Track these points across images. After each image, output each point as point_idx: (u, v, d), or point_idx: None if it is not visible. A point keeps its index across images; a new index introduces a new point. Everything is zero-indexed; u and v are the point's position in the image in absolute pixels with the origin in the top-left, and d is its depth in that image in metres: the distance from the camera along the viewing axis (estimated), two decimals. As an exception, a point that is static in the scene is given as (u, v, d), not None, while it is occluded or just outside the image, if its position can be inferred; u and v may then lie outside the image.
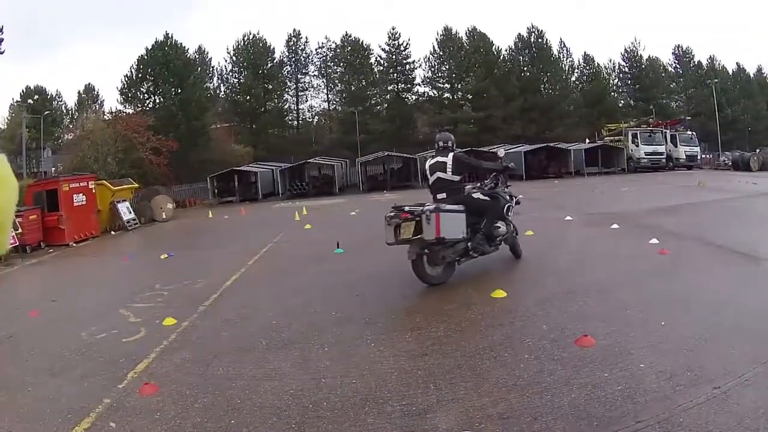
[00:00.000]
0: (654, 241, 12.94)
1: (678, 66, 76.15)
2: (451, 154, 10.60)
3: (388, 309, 9.26)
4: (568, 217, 18.13)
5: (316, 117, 74.14)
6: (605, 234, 14.94)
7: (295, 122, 72.22)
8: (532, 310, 8.26)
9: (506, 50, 67.96)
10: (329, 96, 72.07)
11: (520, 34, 68.02)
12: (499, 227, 11.10)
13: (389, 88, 68.90)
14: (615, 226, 15.64)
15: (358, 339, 7.79)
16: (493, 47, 66.64)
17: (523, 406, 5.21)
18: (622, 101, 73.09)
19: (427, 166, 10.98)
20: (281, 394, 6.20)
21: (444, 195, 10.49)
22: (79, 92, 69.89)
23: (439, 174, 10.58)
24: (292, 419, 5.57)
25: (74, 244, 24.37)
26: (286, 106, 70.94)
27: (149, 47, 57.81)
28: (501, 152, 12.69)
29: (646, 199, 23.86)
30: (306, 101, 72.60)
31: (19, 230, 21.56)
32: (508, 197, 11.62)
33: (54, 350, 8.86)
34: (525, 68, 67.28)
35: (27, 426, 6.14)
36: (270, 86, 68.54)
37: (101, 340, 9.11)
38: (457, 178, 10.54)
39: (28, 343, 9.54)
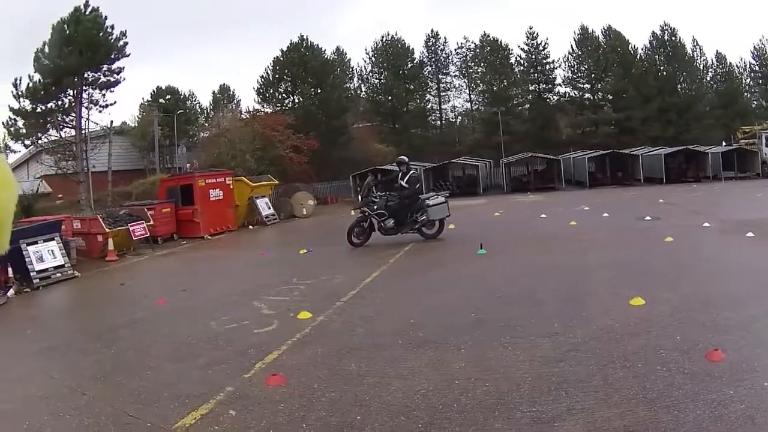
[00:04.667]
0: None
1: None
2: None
3: (527, 312, 9.05)
4: (706, 224, 17.84)
5: (459, 117, 73.95)
6: (741, 243, 14.44)
7: (438, 122, 72.16)
8: (667, 320, 8.10)
9: (642, 49, 65.76)
10: (471, 96, 71.38)
11: (653, 32, 65.66)
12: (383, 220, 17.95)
13: (530, 88, 67.64)
14: (750, 234, 14.95)
15: (495, 342, 7.66)
16: (629, 46, 64.58)
17: (649, 420, 5.12)
18: (755, 102, 68.85)
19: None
20: (411, 393, 6.14)
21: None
22: (213, 92, 73.15)
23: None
24: (419, 419, 5.50)
25: (209, 237, 25.34)
26: (428, 106, 70.63)
27: (284, 49, 59.51)
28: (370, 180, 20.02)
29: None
30: (448, 101, 72.02)
31: (150, 222, 22.51)
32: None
33: (179, 337, 9.13)
34: (661, 67, 64.66)
35: (140, 408, 6.27)
36: (411, 86, 68.29)
37: (230, 330, 9.31)
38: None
39: (153, 329, 9.91)
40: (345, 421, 5.56)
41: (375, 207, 17.84)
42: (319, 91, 57.40)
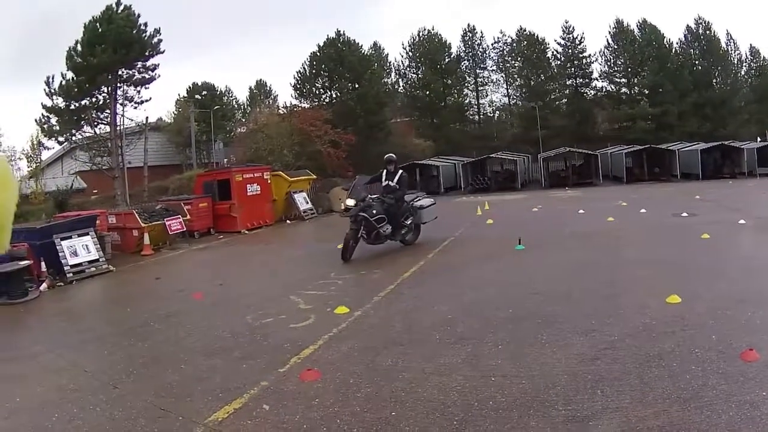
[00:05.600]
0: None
1: None
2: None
3: (565, 309, 9.00)
4: (742, 221, 17.69)
5: (497, 112, 73.76)
6: None
7: (476, 117, 72.11)
8: (703, 318, 8.05)
9: (677, 43, 64.93)
10: (509, 91, 71.19)
11: (688, 26, 64.78)
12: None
13: (567, 82, 67.34)
14: None
15: (532, 339, 7.64)
16: (665, 40, 63.85)
17: (683, 420, 5.12)
18: None
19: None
20: (447, 389, 6.13)
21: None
22: (250, 88, 74.76)
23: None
24: (455, 416, 5.49)
25: (246, 232, 25.42)
26: (466, 101, 70.69)
27: (321, 44, 59.94)
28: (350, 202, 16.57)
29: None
30: (486, 96, 71.93)
31: (187, 217, 22.70)
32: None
33: (214, 332, 9.16)
34: (696, 62, 63.82)
35: (172, 402, 6.30)
36: (449, 81, 68.53)
37: (266, 325, 9.34)
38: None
39: (188, 323, 9.95)
40: (380, 417, 5.55)
41: (374, 212, 15.33)
42: (356, 86, 57.79)
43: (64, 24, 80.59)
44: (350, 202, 16.02)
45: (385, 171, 16.54)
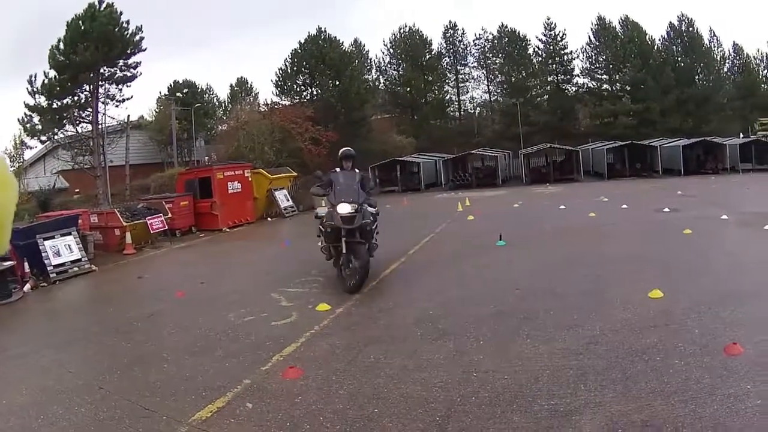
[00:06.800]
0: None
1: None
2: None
3: (546, 304, 9.04)
4: (724, 216, 17.73)
5: (478, 108, 74.00)
6: (760, 235, 14.34)
7: (457, 113, 72.31)
8: (686, 313, 8.08)
9: (659, 40, 65.37)
10: (490, 87, 71.43)
11: (671, 23, 65.18)
12: None
13: (549, 79, 67.57)
14: None
15: (515, 334, 7.69)
16: (647, 37, 64.23)
17: (667, 414, 5.16)
18: None
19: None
20: (430, 385, 6.16)
21: None
22: (231, 85, 73.94)
23: None
24: (437, 412, 5.53)
25: (227, 230, 25.43)
26: (447, 98, 70.97)
27: (302, 41, 59.90)
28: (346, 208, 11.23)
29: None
30: (467, 92, 72.28)
31: (169, 215, 22.67)
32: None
33: (197, 330, 9.16)
34: (679, 59, 64.23)
35: (157, 401, 6.30)
36: (430, 78, 68.84)
37: (249, 323, 9.34)
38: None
39: (171, 322, 9.96)
40: (363, 413, 5.57)
41: (372, 219, 11.94)
42: (337, 83, 57.78)
43: (54, 21, 79.91)
44: (346, 208, 11.09)
45: (340, 171, 12.15)
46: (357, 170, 12.44)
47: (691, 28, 64.30)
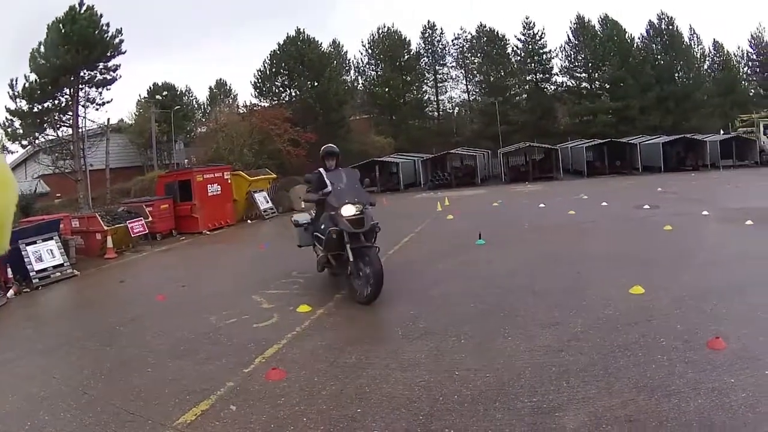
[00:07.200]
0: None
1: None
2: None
3: (527, 302, 9.12)
4: (705, 212, 17.81)
5: (457, 108, 74.13)
6: (741, 231, 14.51)
7: (436, 113, 72.41)
8: (668, 308, 8.16)
9: (639, 38, 65.82)
10: (468, 87, 71.61)
11: (650, 21, 65.65)
12: None
13: (528, 78, 67.81)
14: (749, 222, 15.01)
15: (496, 332, 7.73)
16: (626, 35, 64.63)
17: (651, 409, 5.19)
18: (753, 90, 68.64)
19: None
20: (412, 385, 6.20)
21: None
22: (210, 87, 73.62)
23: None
24: (420, 411, 5.56)
25: (207, 233, 25.37)
26: (425, 98, 71.02)
27: (281, 42, 59.81)
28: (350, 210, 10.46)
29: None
30: (446, 92, 72.42)
31: (149, 219, 22.59)
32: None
33: (179, 333, 9.16)
34: (659, 56, 64.64)
35: (141, 405, 6.31)
36: (408, 78, 68.84)
37: (230, 325, 9.35)
38: None
39: (153, 326, 9.96)
40: (346, 414, 5.61)
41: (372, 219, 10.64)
42: (316, 84, 57.61)
43: (35, 25, 79.22)
44: (352, 210, 10.12)
45: (333, 170, 11.24)
46: (355, 169, 12.31)
47: (671, 26, 64.70)
